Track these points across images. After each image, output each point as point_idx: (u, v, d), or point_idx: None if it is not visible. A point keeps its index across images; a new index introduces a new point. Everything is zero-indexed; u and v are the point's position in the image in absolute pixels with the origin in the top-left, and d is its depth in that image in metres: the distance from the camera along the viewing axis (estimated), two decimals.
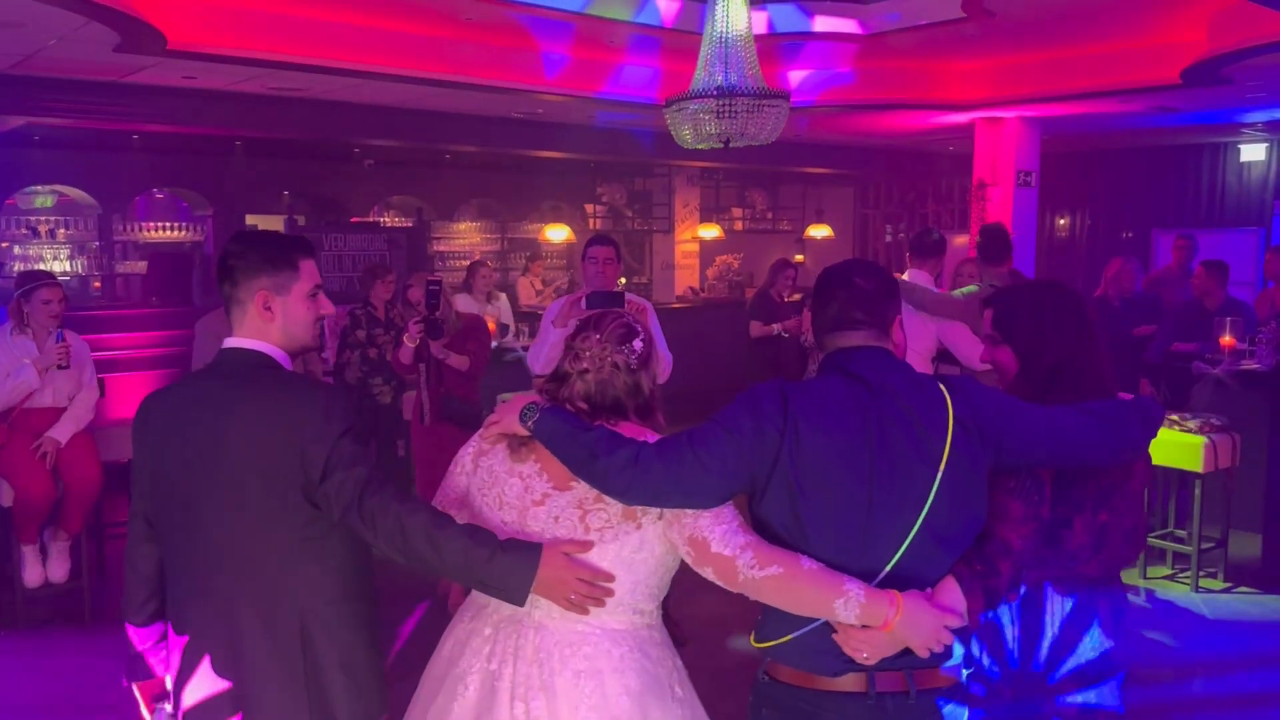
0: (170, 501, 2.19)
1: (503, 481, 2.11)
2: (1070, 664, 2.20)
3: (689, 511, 1.97)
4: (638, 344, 2.18)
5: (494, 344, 7.23)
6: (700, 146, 5.90)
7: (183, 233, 11.40)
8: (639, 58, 8.32)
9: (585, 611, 2.01)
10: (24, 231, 10.63)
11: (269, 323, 2.19)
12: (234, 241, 2.25)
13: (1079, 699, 2.21)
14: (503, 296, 8.80)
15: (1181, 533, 5.84)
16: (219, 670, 2.12)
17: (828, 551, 1.91)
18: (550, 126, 9.95)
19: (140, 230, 11.02)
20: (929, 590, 1.92)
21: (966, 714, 2.07)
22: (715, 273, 13.80)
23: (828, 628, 1.91)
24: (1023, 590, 2.18)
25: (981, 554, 1.97)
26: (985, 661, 2.13)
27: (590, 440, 1.97)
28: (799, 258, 14.08)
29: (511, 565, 1.97)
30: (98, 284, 10.78)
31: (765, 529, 1.96)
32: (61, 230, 10.77)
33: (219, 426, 2.11)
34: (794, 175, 13.88)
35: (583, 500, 2.04)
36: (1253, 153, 11.46)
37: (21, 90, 7.36)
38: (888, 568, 1.91)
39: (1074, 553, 2.18)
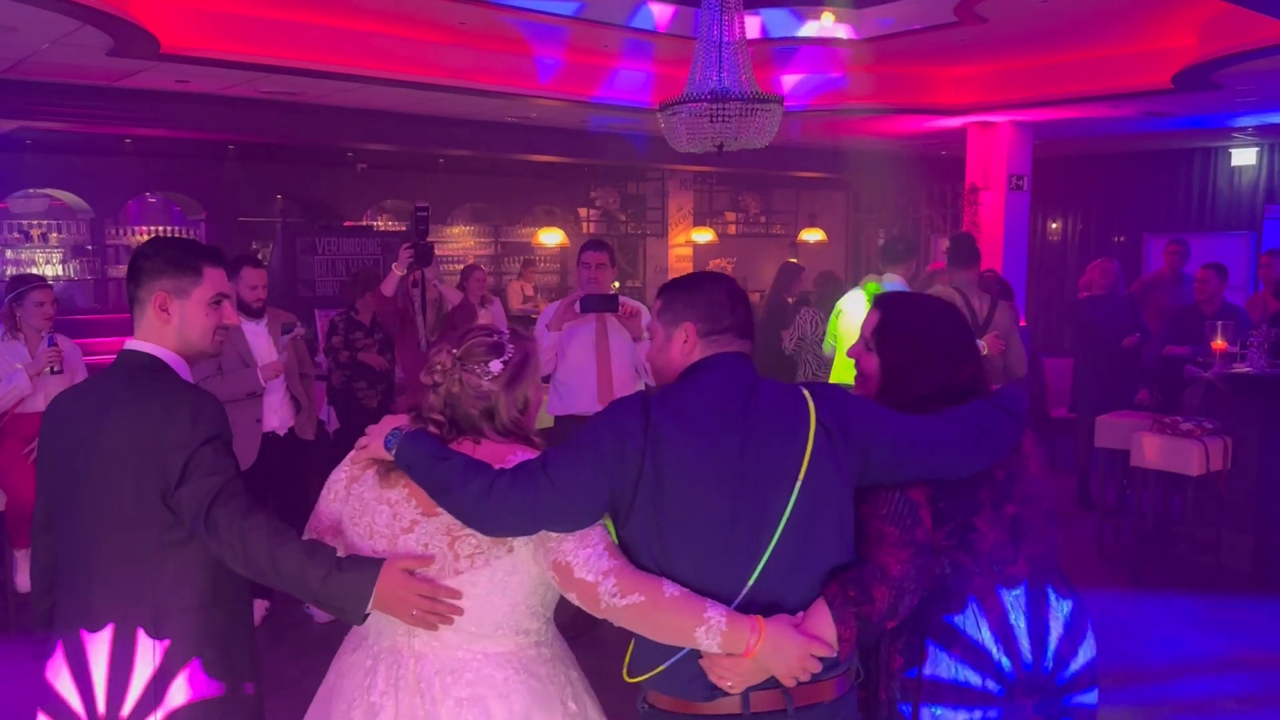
0: (55, 496, 2.23)
1: (373, 509, 2.04)
2: (1076, 664, 2.21)
3: (553, 534, 1.91)
4: (495, 365, 2.06)
5: None
6: (694, 150, 5.92)
7: (186, 238, 11.40)
8: (632, 62, 8.34)
9: (432, 627, 1.95)
10: (16, 235, 10.60)
11: (165, 324, 2.22)
12: (145, 244, 2.30)
13: (1083, 699, 2.21)
14: (496, 301, 8.79)
15: (1174, 535, 5.87)
16: (79, 670, 2.14)
17: (694, 572, 1.86)
18: (544, 131, 9.96)
19: (133, 234, 10.99)
20: (799, 615, 1.86)
21: (963, 716, 2.07)
22: None
23: (696, 654, 1.86)
24: (1025, 590, 2.16)
25: (858, 579, 1.89)
26: (1005, 663, 2.11)
27: (446, 471, 1.90)
28: (792, 261, 14.10)
29: (348, 583, 1.93)
30: (91, 288, 10.75)
31: (630, 551, 1.91)
32: (54, 234, 10.75)
33: (96, 426, 2.14)
34: (787, 179, 13.91)
35: (450, 527, 1.97)
36: (1243, 157, 11.51)
37: (14, 94, 7.35)
38: (747, 587, 1.86)
39: (991, 553, 2.11)
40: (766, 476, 1.88)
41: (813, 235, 13.93)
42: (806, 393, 1.96)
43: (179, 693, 2.10)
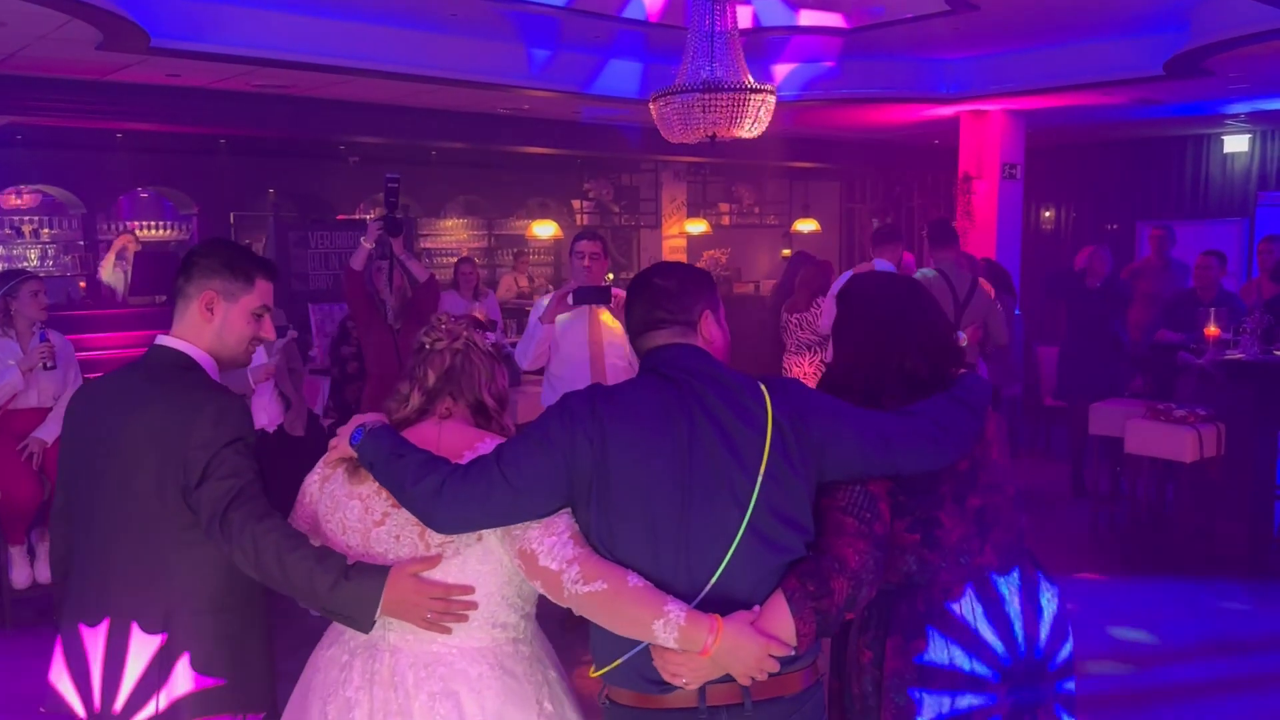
0: (74, 487, 2.24)
1: (344, 506, 2.05)
2: (1065, 650, 2.22)
3: (519, 524, 1.90)
4: (490, 337, 2.17)
5: None
6: (687, 141, 5.91)
7: (168, 232, 11.37)
8: (625, 53, 8.32)
9: (447, 630, 1.95)
10: (8, 231, 10.57)
11: (206, 324, 2.23)
12: (204, 243, 2.34)
13: (1069, 686, 2.22)
14: (490, 293, 8.79)
15: (1167, 522, 5.89)
16: (91, 662, 2.14)
17: (649, 569, 1.83)
18: (536, 122, 9.94)
19: (125, 229, 10.96)
20: (756, 610, 1.83)
21: (949, 702, 2.08)
22: (703, 268, 13.80)
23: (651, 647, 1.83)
24: (1018, 576, 2.17)
25: (815, 572, 1.85)
26: (996, 645, 2.12)
27: (400, 469, 1.90)
28: (785, 252, 14.11)
29: (355, 592, 1.93)
30: (83, 284, 10.72)
31: (590, 546, 1.89)
32: (46, 230, 10.71)
33: (122, 420, 2.15)
34: (780, 170, 13.90)
35: None
36: (1235, 144, 11.52)
37: (3, 89, 7.32)
38: (709, 585, 1.83)
39: (958, 547, 2.10)
40: (723, 473, 1.85)
41: (806, 225, 13.92)
42: (763, 387, 1.93)
43: (181, 691, 2.09)
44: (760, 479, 1.84)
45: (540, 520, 1.89)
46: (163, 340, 2.24)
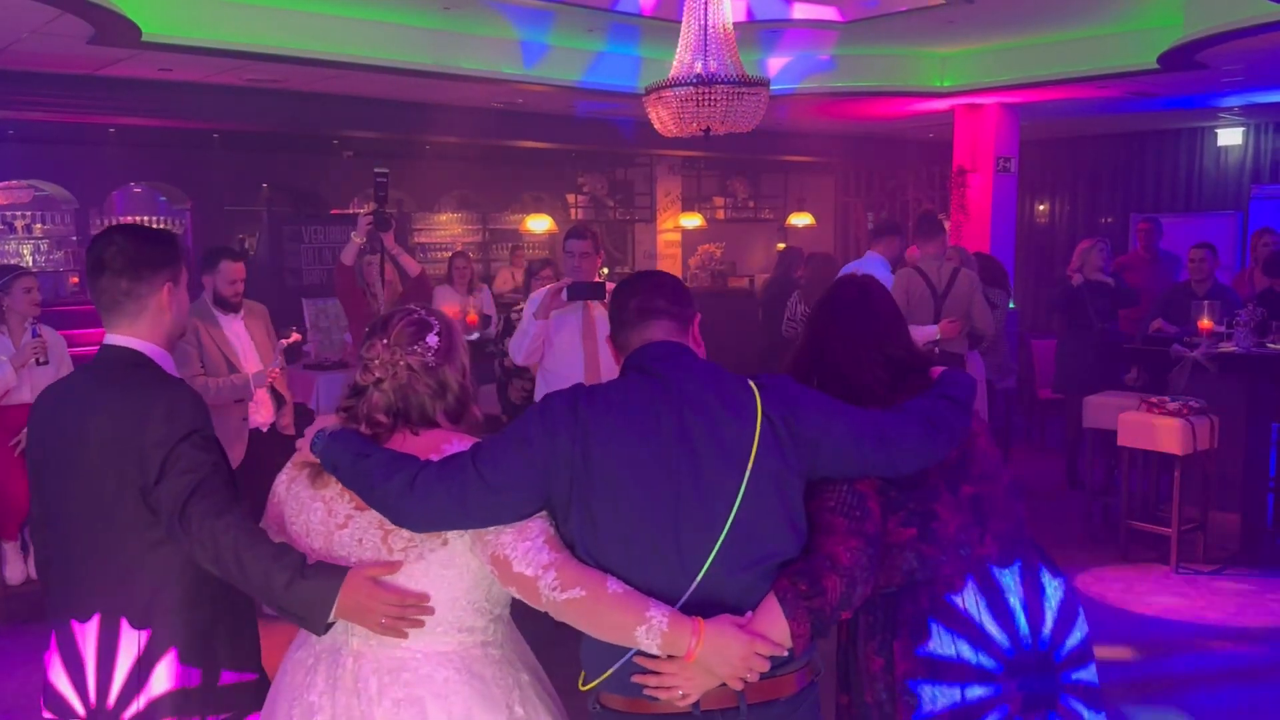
0: (48, 491, 2.21)
1: (308, 508, 2.00)
2: (1072, 641, 2.21)
3: (491, 528, 1.85)
4: (432, 339, 2.01)
5: (475, 335, 7.22)
6: (681, 135, 5.90)
7: (161, 226, 11.33)
8: (619, 46, 8.30)
9: (402, 635, 1.90)
10: (0, 227, 10.53)
11: (164, 315, 2.20)
12: (131, 233, 2.22)
13: (1080, 676, 2.22)
14: (485, 288, 8.78)
15: (1162, 514, 5.90)
16: (74, 667, 2.13)
17: (635, 571, 1.79)
18: (530, 116, 9.92)
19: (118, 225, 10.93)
20: (748, 615, 1.79)
21: (960, 693, 2.08)
22: (698, 262, 13.81)
23: (643, 654, 1.80)
24: (1019, 565, 2.16)
25: (807, 571, 1.82)
26: (1000, 638, 2.11)
27: (367, 468, 1.85)
28: (780, 245, 14.11)
29: (310, 592, 1.88)
30: (75, 279, 10.70)
31: (571, 551, 1.84)
32: (38, 225, 10.68)
33: (80, 421, 2.12)
34: (775, 164, 13.90)
35: (383, 520, 1.91)
36: (1230, 137, 11.53)
37: None
38: (692, 588, 1.79)
39: (956, 538, 2.10)
40: (709, 471, 1.82)
41: (801, 219, 13.92)
42: (753, 384, 1.90)
43: (160, 685, 2.09)
44: (748, 475, 1.81)
45: (513, 525, 1.85)
46: (112, 340, 2.20)
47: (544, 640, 2.26)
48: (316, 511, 1.99)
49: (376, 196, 5.13)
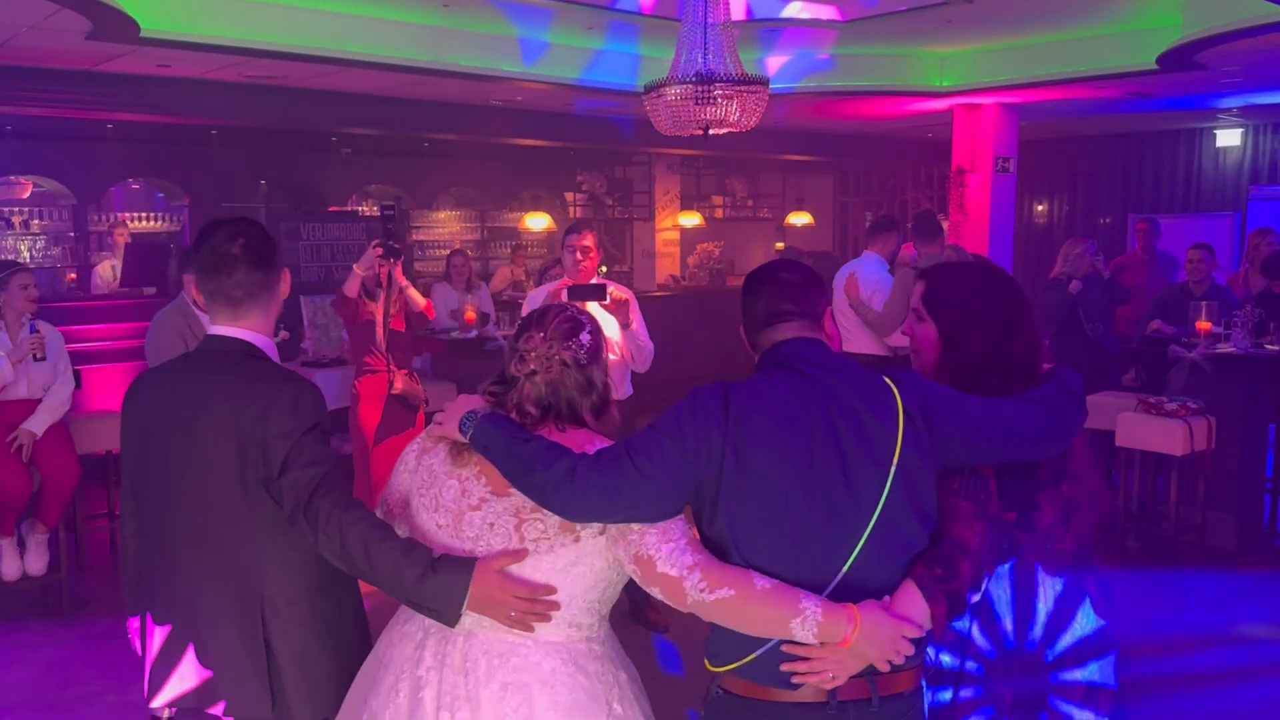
0: (149, 483, 2.21)
1: (441, 482, 2.02)
2: (1066, 641, 2.21)
3: (634, 527, 1.88)
4: (585, 336, 2.06)
5: (473, 333, 7.22)
6: (680, 134, 5.89)
7: (159, 223, 11.32)
8: (618, 44, 8.29)
9: (529, 628, 1.94)
10: None
11: (279, 302, 2.25)
12: (250, 226, 2.25)
13: (1078, 675, 2.21)
14: (483, 285, 8.78)
15: (1159, 514, 5.90)
16: (185, 658, 2.13)
17: (783, 562, 1.83)
18: (529, 114, 9.91)
19: (115, 221, 10.91)
20: (886, 599, 1.85)
21: (951, 694, 2.08)
22: (696, 260, 13.80)
23: (786, 641, 1.82)
24: (1011, 569, 2.17)
25: (940, 556, 1.89)
26: (981, 641, 2.11)
27: (528, 453, 1.88)
28: (779, 245, 14.12)
29: (442, 585, 1.90)
30: (73, 275, 10.68)
31: (717, 545, 1.87)
32: (36, 221, 10.66)
33: (195, 413, 2.12)
34: (774, 163, 13.89)
35: (519, 509, 1.95)
36: (1228, 138, 11.55)
37: None
38: (839, 576, 1.83)
39: (1048, 531, 2.12)
40: (857, 464, 1.86)
41: (800, 218, 13.92)
42: (889, 380, 1.94)
43: (285, 679, 2.11)
44: (894, 470, 1.85)
45: (657, 526, 1.87)
46: (223, 330, 2.20)
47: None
48: (450, 489, 2.01)
49: (385, 229, 5.17)
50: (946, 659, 2.09)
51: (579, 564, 1.95)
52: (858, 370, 1.96)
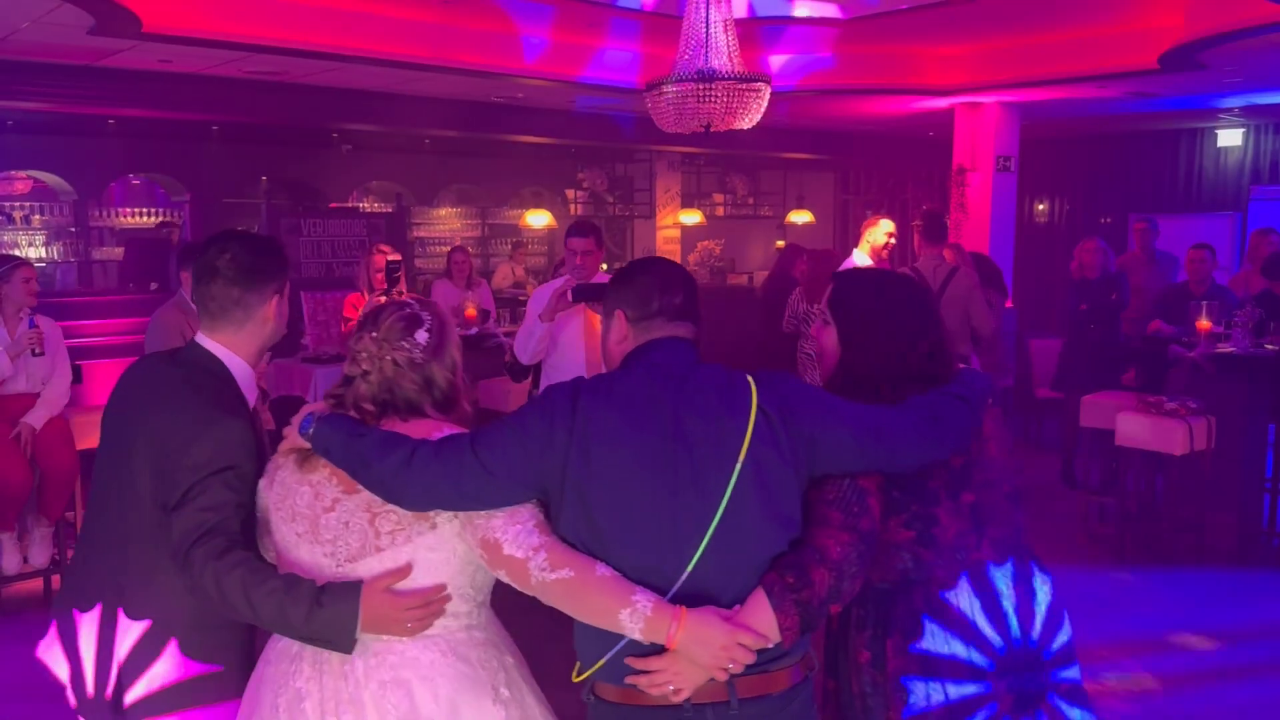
0: (101, 465, 2.22)
1: (294, 492, 1.99)
2: (1059, 640, 2.21)
3: (482, 512, 1.86)
4: (421, 335, 2.02)
5: (474, 330, 7.22)
6: (681, 131, 5.90)
7: (159, 218, 11.32)
8: (619, 42, 8.29)
9: (427, 627, 1.92)
10: None
11: (268, 324, 2.20)
12: (245, 241, 2.21)
13: (1066, 675, 2.22)
14: (484, 282, 8.78)
15: (1158, 514, 5.91)
16: (83, 648, 2.15)
17: (628, 561, 1.80)
18: (530, 111, 9.92)
19: (116, 216, 10.93)
20: (736, 608, 1.79)
21: (942, 689, 2.08)
22: (697, 258, 13.82)
23: (633, 646, 1.80)
24: (1011, 566, 2.17)
25: (794, 564, 1.81)
26: (993, 636, 2.11)
27: (364, 446, 1.86)
28: (780, 243, 14.12)
29: (331, 617, 1.87)
30: (74, 270, 10.69)
31: (564, 542, 1.84)
32: (37, 216, 10.67)
33: (143, 413, 2.12)
34: (775, 161, 13.90)
35: (371, 503, 1.91)
36: (1229, 138, 11.55)
37: None
38: (682, 579, 1.80)
39: (954, 543, 2.09)
40: (702, 463, 1.83)
41: (800, 217, 13.93)
42: (750, 378, 1.90)
43: (171, 677, 2.09)
44: (739, 467, 1.81)
45: (504, 510, 1.86)
46: (204, 342, 2.19)
47: (541, 638, 2.25)
48: (303, 495, 1.98)
49: (389, 278, 5.42)
50: (963, 652, 2.08)
51: (439, 550, 1.92)
52: (720, 371, 1.93)
